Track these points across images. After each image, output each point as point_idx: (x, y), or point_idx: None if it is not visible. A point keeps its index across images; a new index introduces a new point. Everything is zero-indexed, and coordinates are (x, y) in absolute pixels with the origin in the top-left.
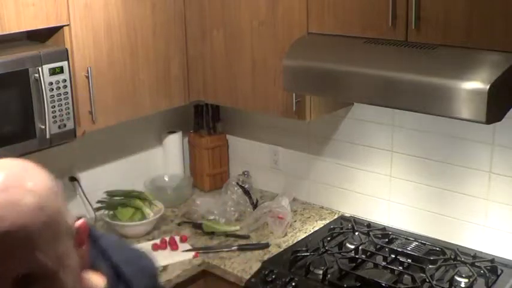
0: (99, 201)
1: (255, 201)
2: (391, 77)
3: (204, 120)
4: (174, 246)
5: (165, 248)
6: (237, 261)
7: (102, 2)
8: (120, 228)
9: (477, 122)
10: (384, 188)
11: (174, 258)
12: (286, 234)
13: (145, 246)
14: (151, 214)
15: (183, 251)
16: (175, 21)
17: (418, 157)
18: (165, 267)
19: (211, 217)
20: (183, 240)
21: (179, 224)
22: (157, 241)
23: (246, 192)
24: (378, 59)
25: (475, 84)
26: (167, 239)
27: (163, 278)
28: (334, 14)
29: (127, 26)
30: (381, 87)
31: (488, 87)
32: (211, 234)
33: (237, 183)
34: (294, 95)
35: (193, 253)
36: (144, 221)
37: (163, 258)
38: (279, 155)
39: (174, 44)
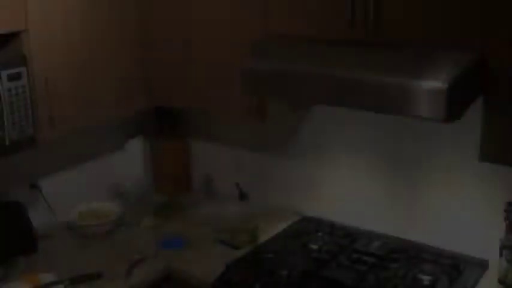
0: None
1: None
2: (350, 77)
3: (165, 124)
4: None
5: None
6: (200, 265)
7: (60, 8)
8: (81, 229)
9: (436, 121)
10: (346, 187)
11: None
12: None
13: None
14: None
15: None
16: (133, 25)
17: (380, 155)
18: (129, 272)
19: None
20: None
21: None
22: None
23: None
24: (336, 59)
25: (434, 83)
26: None
27: (127, 283)
28: (294, 15)
29: (85, 30)
30: (340, 87)
31: (446, 86)
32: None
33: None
34: (254, 97)
35: None
36: (103, 221)
37: None
38: (241, 158)
39: (133, 48)
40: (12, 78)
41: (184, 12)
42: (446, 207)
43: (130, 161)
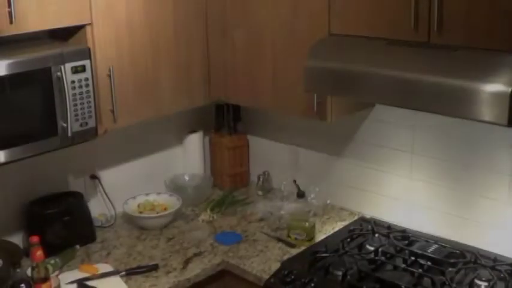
0: None
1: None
2: (412, 79)
3: (225, 120)
4: None
5: None
6: (256, 261)
7: (124, 1)
8: (139, 220)
9: (499, 124)
10: (405, 189)
11: None
12: None
13: None
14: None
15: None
16: (196, 20)
17: (439, 159)
18: (184, 266)
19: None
20: None
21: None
22: None
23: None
24: (399, 61)
25: (497, 86)
26: None
27: (183, 277)
28: (356, 15)
29: (149, 24)
30: (402, 88)
31: (510, 89)
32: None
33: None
34: (315, 95)
35: None
36: (162, 214)
37: None
38: (299, 156)
39: (195, 43)
40: (76, 70)
41: (247, 11)
42: (505, 212)
43: (190, 155)
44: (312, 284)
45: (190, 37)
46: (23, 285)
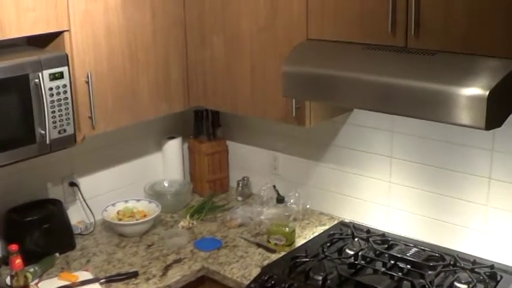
0: None
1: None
2: (390, 83)
3: (203, 126)
4: None
5: None
6: (236, 267)
7: (102, 8)
8: (119, 228)
9: (476, 128)
10: (384, 193)
11: None
12: None
13: None
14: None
15: None
16: (175, 26)
17: (418, 163)
18: (164, 273)
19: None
20: None
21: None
22: None
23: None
24: (377, 65)
25: (475, 90)
26: None
27: (162, 283)
28: (334, 20)
29: (127, 31)
30: (380, 93)
31: (487, 93)
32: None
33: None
34: (293, 100)
35: None
36: (141, 220)
37: None
38: (278, 161)
39: (173, 49)
40: (54, 77)
41: (226, 17)
42: (484, 215)
43: (169, 161)
44: None
45: (169, 43)
46: None
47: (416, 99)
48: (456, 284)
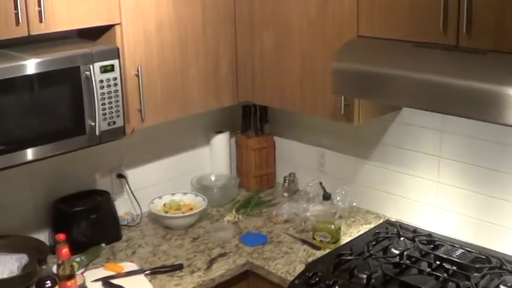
0: None
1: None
2: (440, 82)
3: (251, 121)
4: None
5: None
6: (281, 263)
7: (153, 1)
8: (165, 220)
9: None
10: (431, 193)
11: None
12: None
13: None
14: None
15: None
16: (225, 20)
17: (466, 163)
18: (209, 266)
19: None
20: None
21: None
22: None
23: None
24: (428, 64)
25: None
26: None
27: (207, 277)
28: (385, 17)
29: (177, 24)
30: (430, 92)
31: None
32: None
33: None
34: (342, 97)
35: None
36: (187, 213)
37: None
38: (325, 158)
39: (223, 43)
40: (104, 70)
41: (276, 12)
42: None
43: (216, 155)
44: (337, 287)
45: (219, 37)
46: (48, 281)
47: (467, 99)
48: (502, 287)
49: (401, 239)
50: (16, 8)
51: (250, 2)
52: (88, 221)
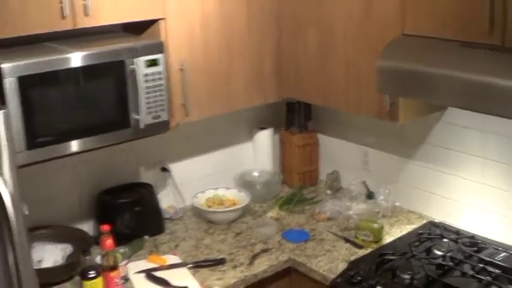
0: None
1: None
2: (486, 82)
3: (295, 118)
4: None
5: None
6: (323, 260)
7: None
8: (208, 214)
9: None
10: (475, 195)
11: None
12: None
13: None
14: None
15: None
16: (270, 17)
17: (511, 165)
18: (251, 262)
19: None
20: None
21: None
22: None
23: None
24: (473, 63)
25: None
26: None
27: (249, 272)
28: (430, 16)
29: (222, 20)
30: (476, 91)
31: None
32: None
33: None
34: (387, 96)
35: None
36: (230, 208)
37: None
38: (369, 156)
39: (267, 40)
40: (149, 64)
41: (321, 10)
42: None
43: (259, 151)
44: (379, 287)
45: (264, 34)
46: (92, 271)
47: (509, 100)
48: None
49: (445, 240)
50: (61, 1)
51: (294, 2)
52: (132, 213)
